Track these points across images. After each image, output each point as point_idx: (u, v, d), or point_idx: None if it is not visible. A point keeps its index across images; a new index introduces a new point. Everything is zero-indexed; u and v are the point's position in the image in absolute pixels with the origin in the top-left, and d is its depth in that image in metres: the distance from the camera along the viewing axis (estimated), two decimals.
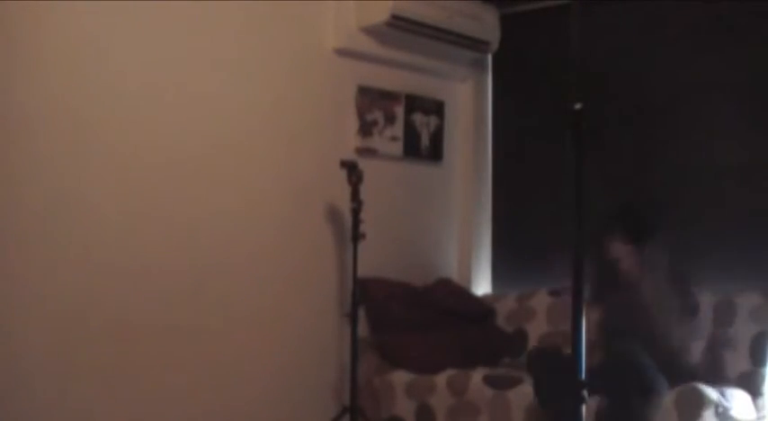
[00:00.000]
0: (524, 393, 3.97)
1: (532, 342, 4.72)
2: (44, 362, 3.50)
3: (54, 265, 3.55)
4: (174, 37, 3.98)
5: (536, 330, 4.74)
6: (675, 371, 3.70)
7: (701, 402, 3.56)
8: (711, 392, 3.61)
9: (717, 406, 3.57)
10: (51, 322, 3.53)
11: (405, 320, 4.59)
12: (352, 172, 4.25)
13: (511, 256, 5.26)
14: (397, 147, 4.95)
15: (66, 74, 3.62)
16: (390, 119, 4.89)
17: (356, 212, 4.22)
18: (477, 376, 4.20)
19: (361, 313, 4.39)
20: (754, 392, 3.91)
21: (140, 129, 3.85)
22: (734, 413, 3.65)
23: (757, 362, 3.98)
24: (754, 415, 3.85)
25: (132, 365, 3.76)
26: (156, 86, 3.90)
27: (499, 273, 5.29)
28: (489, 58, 5.33)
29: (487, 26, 5.01)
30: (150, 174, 3.87)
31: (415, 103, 5.03)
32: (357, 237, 4.23)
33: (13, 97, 3.47)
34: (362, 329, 4.42)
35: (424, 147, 5.10)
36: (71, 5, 3.63)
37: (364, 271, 4.34)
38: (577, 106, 2.11)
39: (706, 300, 4.10)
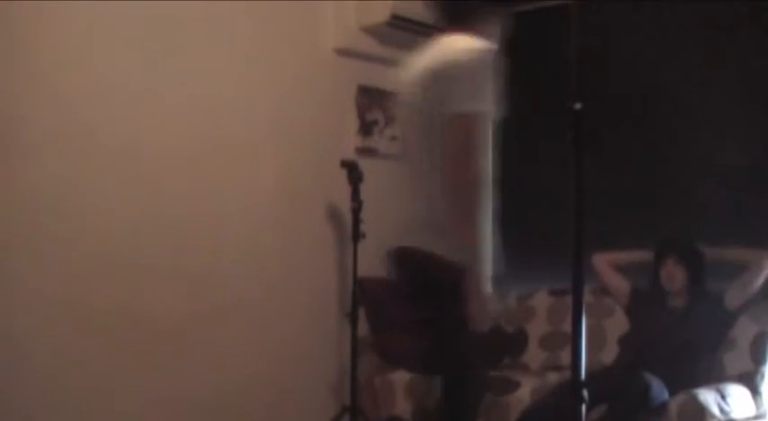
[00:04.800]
0: (521, 398, 3.98)
1: (533, 342, 4.72)
2: (46, 357, 3.50)
3: (56, 262, 3.55)
4: (175, 37, 3.98)
5: (536, 330, 4.74)
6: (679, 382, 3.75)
7: (702, 415, 3.56)
8: (712, 403, 3.61)
9: (719, 419, 3.58)
10: (54, 317, 3.52)
11: (405, 320, 4.59)
12: (353, 172, 4.25)
13: (511, 256, 5.24)
14: (397, 147, 4.94)
15: (68, 74, 3.62)
16: (390, 119, 4.89)
17: (356, 212, 4.22)
18: None
19: (361, 313, 4.39)
20: (755, 390, 3.93)
21: (141, 128, 3.84)
22: (735, 415, 3.66)
23: (758, 362, 4.00)
24: (754, 412, 3.86)
25: (132, 365, 3.76)
26: (156, 86, 3.90)
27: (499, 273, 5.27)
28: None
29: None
30: (150, 173, 3.87)
31: None
32: (357, 237, 4.23)
33: (15, 97, 3.47)
34: (362, 329, 4.42)
35: None
36: (72, 5, 3.62)
37: (364, 271, 4.34)
38: (577, 106, 2.11)
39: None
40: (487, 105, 2.78)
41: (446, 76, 2.75)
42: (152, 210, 3.87)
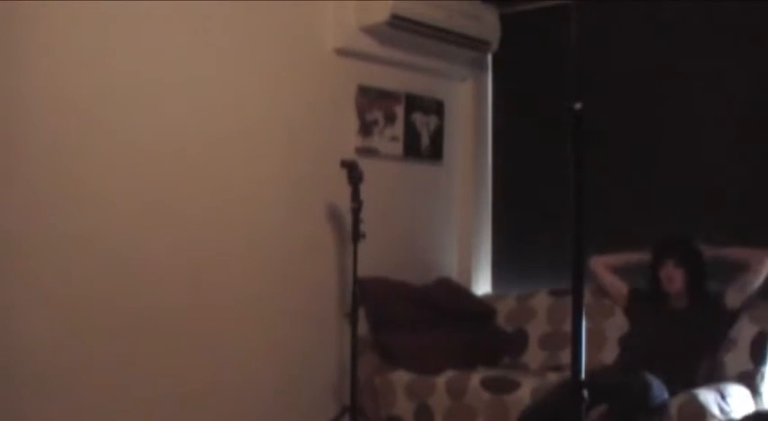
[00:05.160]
0: (521, 398, 3.98)
1: (533, 342, 4.72)
2: (48, 353, 3.50)
3: (60, 260, 3.56)
4: (175, 37, 3.98)
5: (536, 330, 4.74)
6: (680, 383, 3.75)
7: (703, 415, 3.56)
8: (712, 403, 3.60)
9: (719, 419, 3.58)
10: (58, 315, 3.53)
11: (405, 320, 4.59)
12: (353, 172, 4.25)
13: (511, 256, 5.25)
14: (397, 147, 4.95)
15: (69, 72, 3.62)
16: (390, 119, 4.89)
17: (356, 212, 4.22)
18: (475, 379, 4.20)
19: (361, 313, 4.39)
20: (755, 391, 3.93)
21: (141, 128, 3.84)
22: (735, 416, 3.65)
23: (757, 362, 3.99)
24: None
25: (132, 364, 3.76)
26: (155, 87, 3.90)
27: (499, 273, 5.28)
28: (489, 57, 5.33)
29: (487, 26, 5.00)
30: (151, 175, 3.87)
31: (415, 103, 5.03)
32: (357, 237, 4.23)
33: (17, 93, 3.47)
34: (362, 329, 4.42)
35: (424, 147, 5.10)
36: (73, 5, 3.62)
37: (364, 271, 4.34)
38: (577, 106, 2.11)
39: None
40: None
41: None
42: (152, 209, 3.86)
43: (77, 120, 3.64)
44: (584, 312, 2.12)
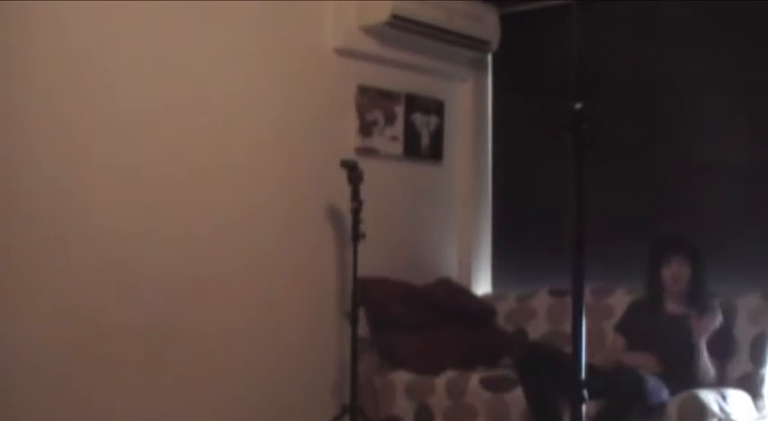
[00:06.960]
0: (521, 397, 3.96)
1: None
2: (43, 366, 3.50)
3: (52, 270, 3.55)
4: (174, 38, 3.98)
5: (536, 330, 4.74)
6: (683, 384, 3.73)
7: (703, 414, 3.56)
8: (712, 402, 3.60)
9: (719, 418, 3.57)
10: (50, 327, 3.53)
11: (405, 320, 4.59)
12: (352, 172, 4.25)
13: (511, 256, 5.26)
14: (397, 147, 4.95)
15: (65, 81, 3.62)
16: (390, 119, 4.89)
17: (356, 212, 4.22)
18: (475, 378, 4.20)
19: (361, 313, 4.39)
20: (755, 393, 3.91)
21: (139, 129, 3.84)
22: (735, 417, 3.65)
23: (757, 363, 3.98)
24: (755, 416, 3.85)
25: (131, 366, 3.76)
26: (155, 87, 3.90)
27: (499, 273, 5.28)
28: (489, 57, 5.33)
29: (487, 26, 5.01)
30: (149, 173, 3.87)
31: (415, 103, 5.03)
32: (357, 237, 4.24)
33: (11, 103, 3.46)
34: (362, 329, 4.42)
35: (424, 147, 5.10)
36: (72, 8, 3.62)
37: (364, 271, 4.34)
38: (577, 106, 2.11)
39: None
40: None
41: None
42: (150, 209, 3.86)
43: (73, 131, 3.63)
44: (584, 312, 2.12)
